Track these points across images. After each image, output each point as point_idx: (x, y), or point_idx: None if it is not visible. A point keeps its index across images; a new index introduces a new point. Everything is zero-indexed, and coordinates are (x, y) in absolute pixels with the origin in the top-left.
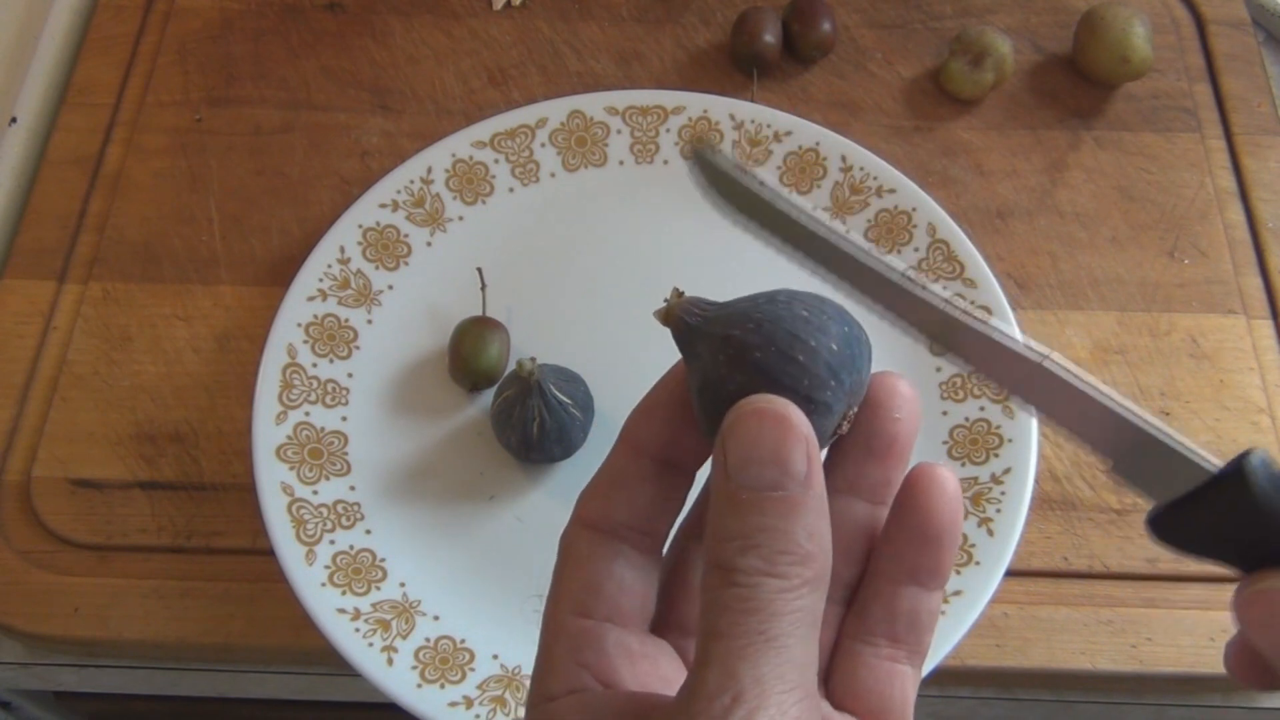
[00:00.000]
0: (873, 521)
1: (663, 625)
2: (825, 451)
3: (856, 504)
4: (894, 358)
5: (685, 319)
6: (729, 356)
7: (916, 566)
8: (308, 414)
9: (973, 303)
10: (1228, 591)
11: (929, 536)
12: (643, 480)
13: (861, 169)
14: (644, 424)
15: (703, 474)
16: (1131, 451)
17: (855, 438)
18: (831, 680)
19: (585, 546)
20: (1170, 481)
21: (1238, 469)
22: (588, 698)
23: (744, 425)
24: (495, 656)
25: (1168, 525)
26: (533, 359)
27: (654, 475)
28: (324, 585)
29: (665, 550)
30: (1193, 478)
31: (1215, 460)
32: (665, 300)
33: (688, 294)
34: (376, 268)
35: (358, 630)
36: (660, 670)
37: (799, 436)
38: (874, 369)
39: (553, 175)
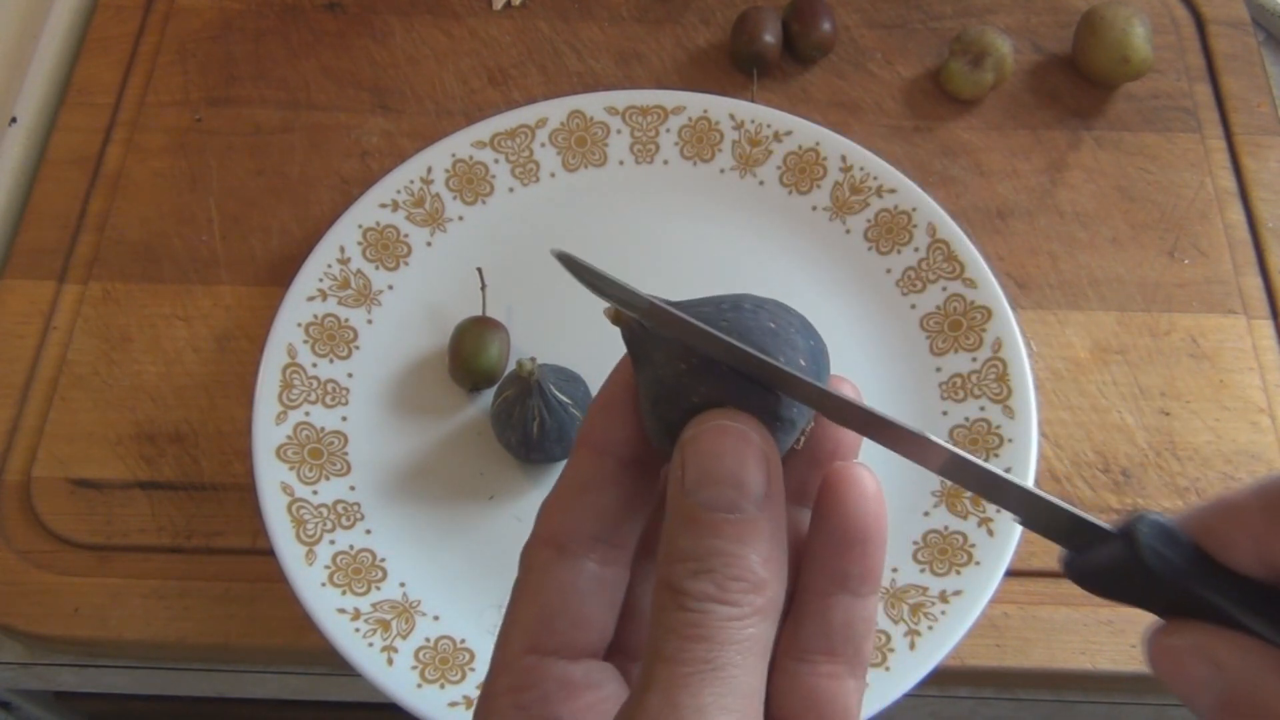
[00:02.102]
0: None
1: (609, 648)
2: None
3: (795, 512)
4: (893, 356)
5: (640, 320)
6: (691, 366)
7: (845, 573)
8: (308, 414)
9: (973, 303)
10: None
11: (853, 540)
12: (607, 485)
13: (861, 169)
14: (604, 424)
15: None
16: (1030, 510)
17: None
18: (770, 701)
19: (546, 569)
20: (1072, 535)
21: (1128, 532)
22: None
23: (704, 441)
24: None
25: (1078, 572)
26: (533, 359)
27: (618, 478)
28: (324, 585)
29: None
30: (1090, 534)
31: (1108, 526)
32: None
33: (648, 293)
34: (376, 268)
35: (358, 630)
36: (604, 701)
37: (760, 457)
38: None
39: (553, 175)
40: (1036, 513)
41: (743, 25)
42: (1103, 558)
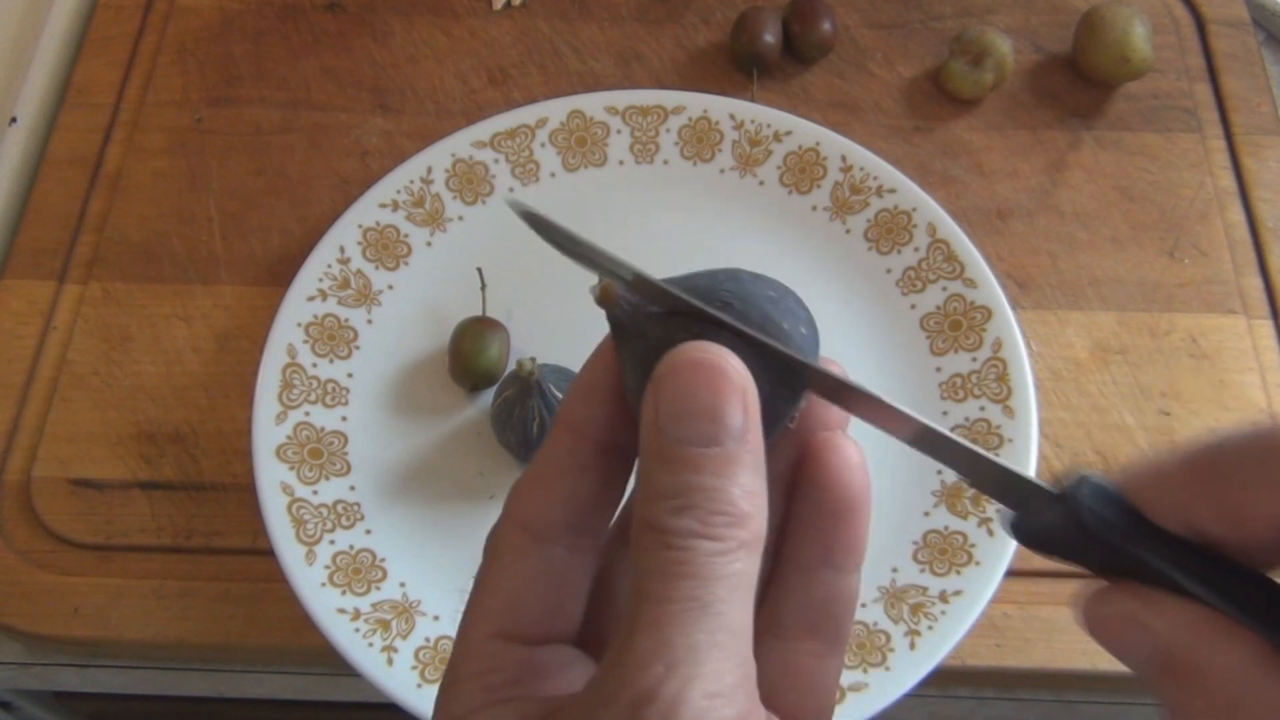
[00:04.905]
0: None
1: (581, 638)
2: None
3: (781, 497)
4: (894, 356)
5: (630, 298)
6: (696, 333)
7: (828, 546)
8: (308, 414)
9: (973, 303)
10: None
11: (837, 511)
12: (583, 470)
13: (861, 169)
14: (583, 406)
15: None
16: (976, 471)
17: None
18: None
19: (515, 554)
20: (1019, 497)
21: (1069, 494)
22: (491, 712)
23: (677, 376)
24: None
25: (1022, 533)
26: (533, 359)
27: (595, 463)
28: (324, 585)
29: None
30: (1033, 495)
31: (1051, 488)
32: (600, 278)
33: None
34: (376, 268)
35: (358, 630)
36: (571, 683)
37: (735, 388)
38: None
39: (553, 175)
40: (983, 474)
41: (743, 25)
42: (1045, 519)
